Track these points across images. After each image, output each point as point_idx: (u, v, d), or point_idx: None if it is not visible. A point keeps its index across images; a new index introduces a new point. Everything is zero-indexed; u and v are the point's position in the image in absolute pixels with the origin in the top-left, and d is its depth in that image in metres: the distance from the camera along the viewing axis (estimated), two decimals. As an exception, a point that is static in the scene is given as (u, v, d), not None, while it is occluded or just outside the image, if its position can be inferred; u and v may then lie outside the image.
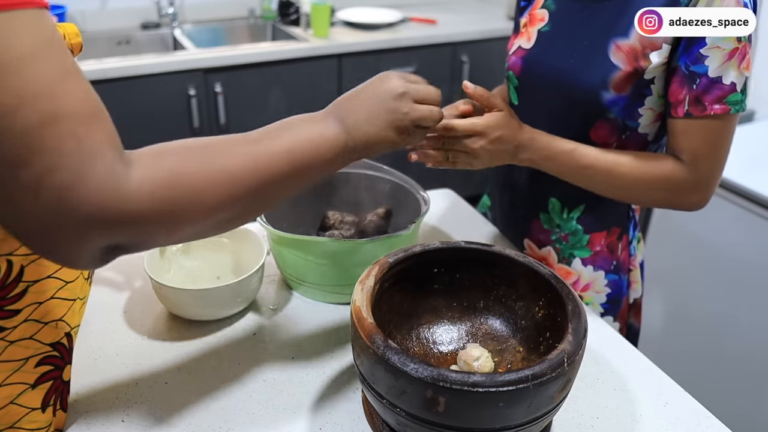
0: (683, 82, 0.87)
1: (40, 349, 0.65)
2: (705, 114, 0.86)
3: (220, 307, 0.92)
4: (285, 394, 0.81)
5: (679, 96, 0.88)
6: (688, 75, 0.86)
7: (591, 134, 0.96)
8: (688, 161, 0.89)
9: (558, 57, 0.97)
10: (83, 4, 2.52)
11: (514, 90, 1.06)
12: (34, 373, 0.66)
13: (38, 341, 0.65)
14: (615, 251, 1.07)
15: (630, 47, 0.89)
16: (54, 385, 0.69)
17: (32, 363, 0.65)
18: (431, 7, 3.01)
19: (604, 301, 1.09)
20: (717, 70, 0.84)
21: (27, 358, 0.64)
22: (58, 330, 0.67)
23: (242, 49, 2.35)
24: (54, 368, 0.68)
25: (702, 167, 0.89)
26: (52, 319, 0.66)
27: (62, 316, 0.67)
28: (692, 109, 0.86)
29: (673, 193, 0.92)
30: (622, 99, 0.92)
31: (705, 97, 0.85)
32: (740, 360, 1.71)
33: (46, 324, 0.65)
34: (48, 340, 0.66)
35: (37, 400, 0.67)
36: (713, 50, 0.84)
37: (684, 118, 0.88)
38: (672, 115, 0.89)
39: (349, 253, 0.92)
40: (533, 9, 1.04)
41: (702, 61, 0.84)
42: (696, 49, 0.84)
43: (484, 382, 0.60)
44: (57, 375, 0.69)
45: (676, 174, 0.90)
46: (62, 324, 0.67)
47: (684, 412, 0.81)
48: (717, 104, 0.85)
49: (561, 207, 1.06)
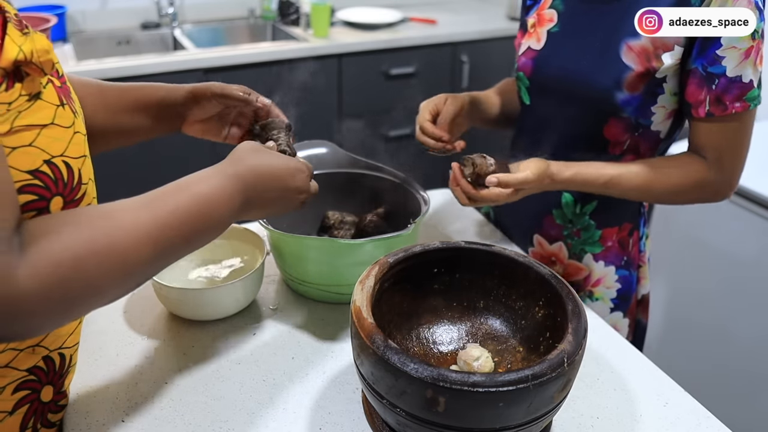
0: (701, 84, 0.88)
1: (16, 376, 0.64)
2: (727, 113, 0.87)
3: (220, 307, 0.92)
4: (285, 394, 0.81)
5: (698, 97, 0.89)
6: (706, 76, 0.87)
7: (604, 132, 0.97)
8: (713, 159, 0.91)
9: (569, 58, 0.97)
10: (83, 4, 2.52)
11: (525, 90, 1.07)
12: (11, 400, 0.64)
13: (14, 368, 0.63)
14: (626, 247, 1.07)
15: (642, 48, 0.89)
16: (32, 408, 0.67)
17: (9, 390, 0.63)
18: (431, 7, 3.00)
19: (614, 297, 1.09)
20: (735, 69, 0.85)
21: (3, 387, 0.63)
22: (35, 355, 0.65)
23: (242, 49, 2.35)
24: (31, 392, 0.66)
25: (727, 163, 0.91)
26: (28, 345, 0.64)
27: (39, 342, 0.65)
28: (713, 109, 0.88)
29: (706, 193, 0.95)
30: (635, 98, 0.92)
31: (725, 97, 0.87)
32: (740, 360, 1.71)
33: (21, 351, 0.63)
34: (24, 366, 0.64)
35: (15, 425, 0.65)
36: (730, 50, 0.85)
37: (706, 118, 0.89)
38: (693, 116, 0.91)
39: (349, 253, 0.92)
40: (541, 9, 1.04)
41: (719, 62, 0.85)
42: (712, 51, 0.85)
43: (484, 382, 0.60)
44: (34, 398, 0.67)
45: (706, 176, 0.92)
46: (39, 349, 0.65)
47: (684, 412, 0.81)
48: (737, 102, 0.87)
49: (574, 202, 1.06)
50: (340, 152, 1.12)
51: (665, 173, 0.94)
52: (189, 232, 0.60)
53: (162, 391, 0.81)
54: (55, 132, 0.57)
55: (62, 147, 0.57)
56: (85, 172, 0.61)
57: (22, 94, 0.54)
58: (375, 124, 2.69)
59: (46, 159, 0.55)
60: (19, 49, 0.52)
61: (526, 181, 0.89)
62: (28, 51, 0.53)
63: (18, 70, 0.54)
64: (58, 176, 0.56)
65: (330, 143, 1.13)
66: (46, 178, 0.55)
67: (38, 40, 0.55)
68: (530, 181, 0.90)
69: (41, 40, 0.56)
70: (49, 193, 0.56)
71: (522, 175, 0.89)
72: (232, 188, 0.65)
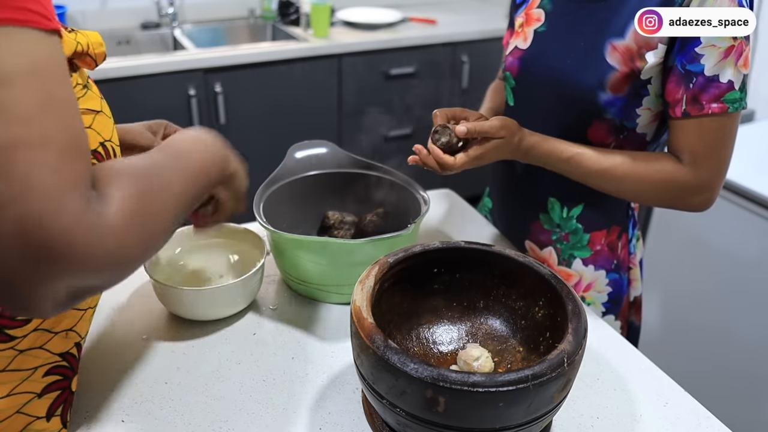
0: (680, 82, 0.86)
1: (49, 359, 0.65)
2: (703, 113, 0.85)
3: (220, 307, 0.92)
4: (285, 394, 0.81)
5: (676, 95, 0.87)
6: (684, 74, 0.85)
7: (588, 134, 0.96)
8: (689, 162, 0.89)
9: (555, 57, 0.97)
10: (83, 4, 2.52)
11: (510, 90, 1.06)
12: (41, 383, 0.65)
13: (48, 351, 0.64)
14: (615, 250, 1.07)
15: (626, 48, 0.89)
16: (62, 396, 0.68)
17: (41, 372, 0.64)
18: (431, 7, 3.01)
19: (605, 301, 1.09)
20: (713, 68, 0.84)
21: (36, 368, 0.64)
22: (69, 340, 0.66)
23: (242, 49, 2.35)
24: (62, 378, 0.67)
25: (703, 168, 0.88)
26: (63, 329, 0.65)
27: (73, 326, 0.66)
28: (690, 108, 0.86)
29: (675, 194, 0.91)
30: (619, 100, 0.91)
31: (702, 96, 0.85)
32: (740, 360, 1.71)
33: (56, 334, 0.64)
34: (58, 350, 0.65)
35: (43, 408, 0.66)
36: (708, 48, 0.83)
37: (682, 118, 0.87)
38: (670, 116, 0.89)
39: (349, 253, 0.92)
40: (529, 8, 1.03)
41: (698, 60, 0.84)
42: (691, 48, 0.84)
43: (484, 382, 0.60)
44: (65, 385, 0.68)
45: (677, 175, 0.89)
46: (72, 334, 0.67)
47: (684, 412, 0.81)
48: (714, 103, 0.84)
49: (561, 206, 1.06)
50: (340, 152, 1.12)
51: (633, 163, 0.91)
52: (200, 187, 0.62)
53: (162, 391, 0.81)
54: (103, 119, 0.64)
55: (110, 132, 0.64)
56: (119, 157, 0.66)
57: (78, 82, 0.61)
58: (375, 124, 2.69)
59: (101, 141, 0.62)
60: (76, 41, 0.59)
61: (494, 127, 0.89)
62: (85, 43, 0.60)
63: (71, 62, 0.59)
64: (108, 158, 0.63)
65: (330, 143, 1.13)
66: (100, 158, 0.62)
67: (92, 34, 0.62)
68: (498, 128, 0.89)
69: (95, 35, 0.63)
70: None
71: (490, 123, 0.89)
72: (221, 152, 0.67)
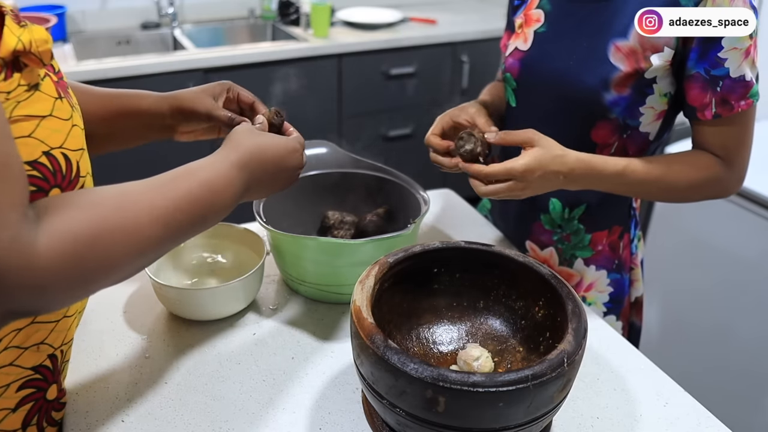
0: (705, 87, 0.88)
1: (21, 374, 0.63)
2: (733, 113, 0.88)
3: (220, 307, 0.92)
4: (285, 394, 0.81)
5: (703, 100, 0.89)
6: (709, 79, 0.87)
7: (592, 134, 0.96)
8: (724, 156, 0.92)
9: (556, 59, 0.97)
10: (83, 4, 2.52)
11: (512, 92, 1.06)
12: (15, 398, 0.64)
13: (19, 366, 0.63)
14: (617, 250, 1.07)
15: (630, 48, 0.89)
16: (36, 406, 0.67)
17: (13, 388, 0.63)
18: (431, 7, 3.01)
19: (606, 301, 1.09)
20: (737, 69, 0.86)
21: (8, 384, 0.63)
22: (40, 353, 0.65)
23: (242, 49, 2.35)
24: (36, 390, 0.66)
25: (736, 159, 0.93)
26: (34, 343, 0.63)
27: (44, 339, 0.65)
28: (720, 110, 0.89)
29: (720, 188, 0.95)
30: (623, 99, 0.92)
31: (731, 97, 0.87)
32: (740, 360, 1.71)
33: (26, 349, 0.63)
34: (30, 364, 0.64)
35: (18, 421, 0.65)
36: (731, 52, 0.85)
37: (713, 120, 0.90)
38: (699, 119, 0.91)
39: (349, 253, 0.92)
40: (528, 9, 1.03)
41: (722, 64, 0.86)
42: (713, 54, 0.86)
43: (484, 382, 0.60)
44: (39, 396, 0.67)
45: (720, 172, 0.93)
46: (44, 347, 0.65)
47: (684, 412, 0.81)
48: (742, 101, 0.88)
49: (562, 207, 1.05)
50: (340, 152, 1.12)
51: (680, 168, 0.93)
52: (197, 216, 0.62)
53: (162, 391, 0.81)
54: (53, 124, 0.57)
55: (61, 139, 0.58)
56: (83, 165, 0.61)
57: (21, 84, 0.54)
58: (375, 124, 2.69)
59: (45, 150, 0.56)
60: (17, 39, 0.53)
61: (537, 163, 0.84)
62: (27, 41, 0.54)
63: (17, 61, 0.54)
64: (56, 168, 0.57)
65: (330, 143, 1.13)
66: (44, 169, 0.56)
67: (37, 31, 0.56)
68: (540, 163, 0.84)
69: (40, 31, 0.56)
70: (47, 184, 0.56)
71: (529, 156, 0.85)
72: (236, 175, 0.67)
